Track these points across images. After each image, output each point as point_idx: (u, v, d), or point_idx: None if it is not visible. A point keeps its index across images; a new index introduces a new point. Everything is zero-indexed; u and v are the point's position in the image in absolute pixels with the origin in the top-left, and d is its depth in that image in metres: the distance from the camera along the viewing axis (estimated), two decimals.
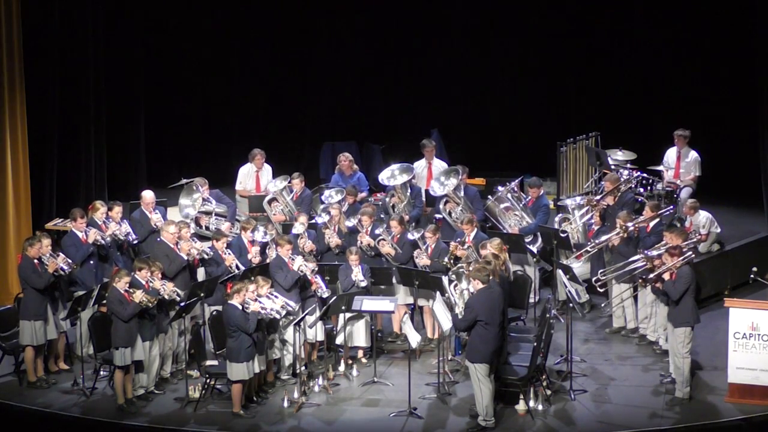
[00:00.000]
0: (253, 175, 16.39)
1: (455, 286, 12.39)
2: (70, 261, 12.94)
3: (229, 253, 13.41)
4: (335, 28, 21.06)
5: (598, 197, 14.92)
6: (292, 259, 13.03)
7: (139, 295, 12.04)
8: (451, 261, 13.35)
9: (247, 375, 11.94)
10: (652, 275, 12.23)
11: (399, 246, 13.89)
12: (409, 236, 13.93)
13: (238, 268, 13.34)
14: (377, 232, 14.07)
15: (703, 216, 14.92)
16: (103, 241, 13.53)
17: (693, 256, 12.53)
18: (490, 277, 11.59)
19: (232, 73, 21.13)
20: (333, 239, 14.08)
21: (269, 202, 15.43)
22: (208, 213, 15.11)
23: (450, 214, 15.11)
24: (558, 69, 20.33)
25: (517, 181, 15.31)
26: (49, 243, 12.96)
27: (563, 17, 20.18)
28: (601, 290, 13.57)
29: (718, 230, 15.16)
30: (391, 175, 15.56)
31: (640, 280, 12.57)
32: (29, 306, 12.71)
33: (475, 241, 13.54)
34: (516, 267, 14.16)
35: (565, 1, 20.19)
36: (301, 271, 12.97)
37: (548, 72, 20.39)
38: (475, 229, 13.81)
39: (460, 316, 11.73)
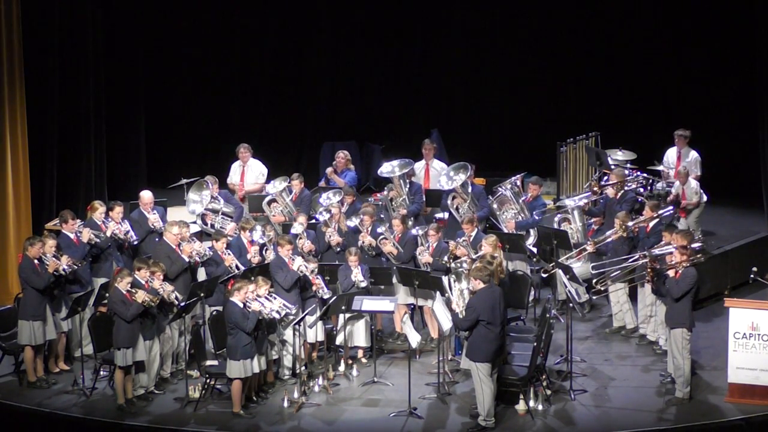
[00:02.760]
0: (238, 170, 16.45)
1: (455, 281, 12.39)
2: (71, 261, 12.92)
3: (228, 254, 13.40)
4: (335, 27, 21.06)
5: (602, 183, 15.06)
6: (293, 259, 13.03)
7: (141, 295, 12.02)
8: (451, 260, 13.36)
9: (244, 373, 11.92)
10: (661, 265, 12.17)
11: (401, 245, 13.90)
12: (413, 232, 13.97)
13: (238, 268, 13.34)
14: (379, 231, 14.08)
15: (694, 183, 15.68)
16: (97, 240, 13.52)
17: (702, 259, 12.49)
18: (491, 278, 11.59)
19: (231, 73, 21.14)
20: (333, 237, 14.08)
21: (269, 203, 15.43)
22: (215, 211, 15.13)
23: (457, 209, 15.13)
24: (558, 69, 20.34)
25: (519, 176, 15.31)
26: (54, 244, 12.91)
27: (563, 17, 20.20)
28: (602, 289, 13.56)
29: (705, 198, 15.84)
30: (391, 169, 15.60)
31: (648, 269, 12.52)
32: (28, 306, 12.68)
33: (475, 242, 13.53)
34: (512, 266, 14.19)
35: (565, 2, 20.20)
36: (301, 272, 12.97)
37: (548, 72, 20.40)
38: (476, 229, 13.82)
39: (460, 316, 11.73)
